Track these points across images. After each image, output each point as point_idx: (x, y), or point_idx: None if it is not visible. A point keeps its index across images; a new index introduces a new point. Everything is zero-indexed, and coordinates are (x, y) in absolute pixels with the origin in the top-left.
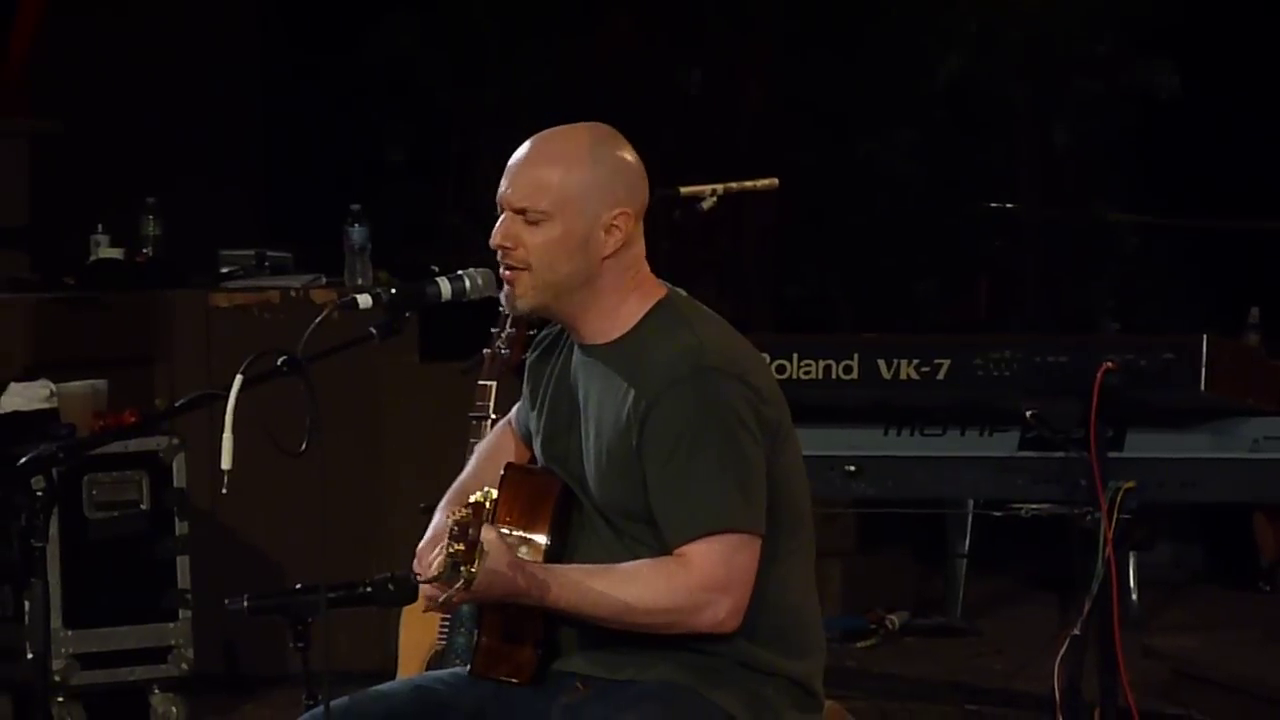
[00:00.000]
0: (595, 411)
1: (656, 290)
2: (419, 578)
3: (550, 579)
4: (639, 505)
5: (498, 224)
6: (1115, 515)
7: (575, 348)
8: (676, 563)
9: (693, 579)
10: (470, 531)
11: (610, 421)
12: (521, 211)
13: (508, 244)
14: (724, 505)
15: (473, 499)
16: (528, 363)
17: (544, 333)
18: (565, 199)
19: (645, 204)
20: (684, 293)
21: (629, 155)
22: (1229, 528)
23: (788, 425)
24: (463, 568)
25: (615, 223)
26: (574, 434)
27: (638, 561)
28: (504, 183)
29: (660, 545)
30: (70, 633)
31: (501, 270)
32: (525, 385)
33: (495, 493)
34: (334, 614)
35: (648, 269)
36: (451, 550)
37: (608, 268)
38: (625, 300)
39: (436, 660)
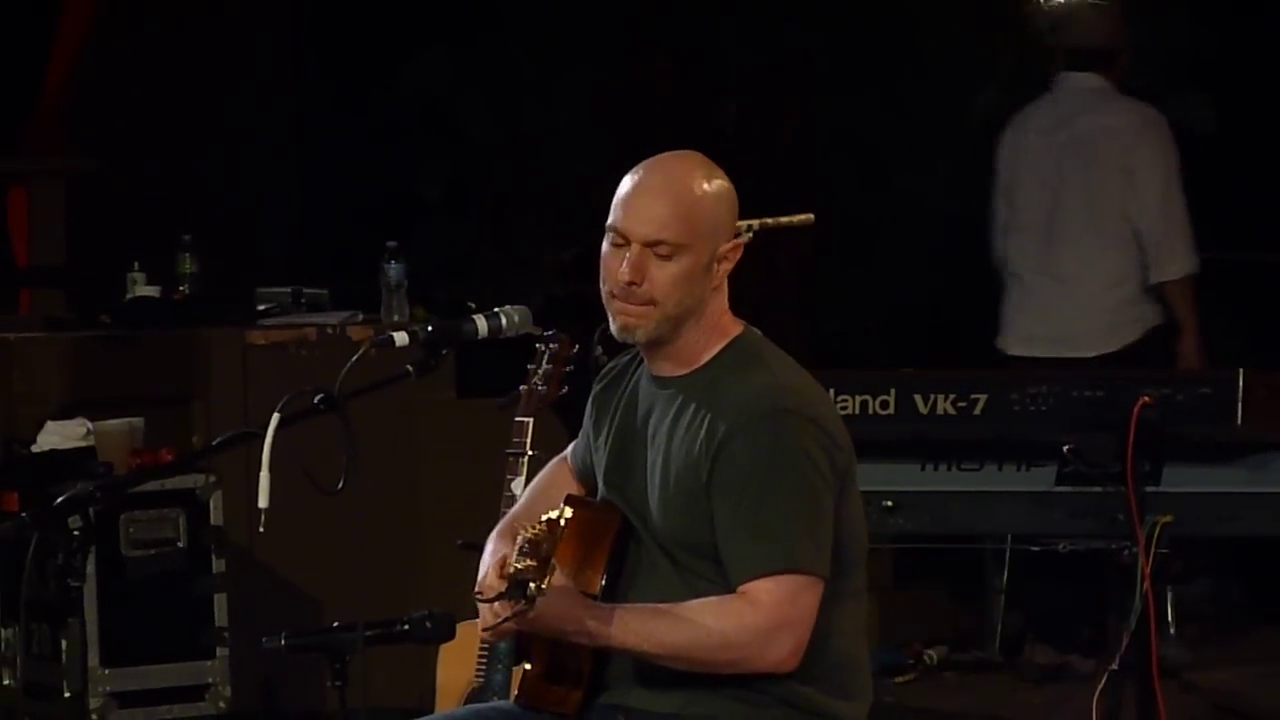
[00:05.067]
0: (664, 442)
1: (734, 325)
2: (480, 597)
3: (613, 616)
4: (702, 538)
5: (626, 259)
6: (1153, 550)
7: (644, 378)
8: (743, 601)
9: (761, 618)
10: (544, 547)
11: (680, 453)
12: (653, 244)
13: (637, 280)
14: (794, 546)
15: (547, 516)
16: (593, 393)
17: (611, 363)
18: (698, 230)
19: None
20: (758, 331)
21: (729, 183)
22: (1267, 561)
23: (854, 471)
24: (531, 585)
25: (728, 255)
26: (638, 464)
27: (702, 600)
28: (625, 216)
29: (719, 581)
30: (108, 671)
31: (617, 302)
32: (589, 416)
33: (570, 511)
34: (371, 651)
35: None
36: (520, 566)
37: (711, 299)
38: (709, 331)
39: (474, 697)
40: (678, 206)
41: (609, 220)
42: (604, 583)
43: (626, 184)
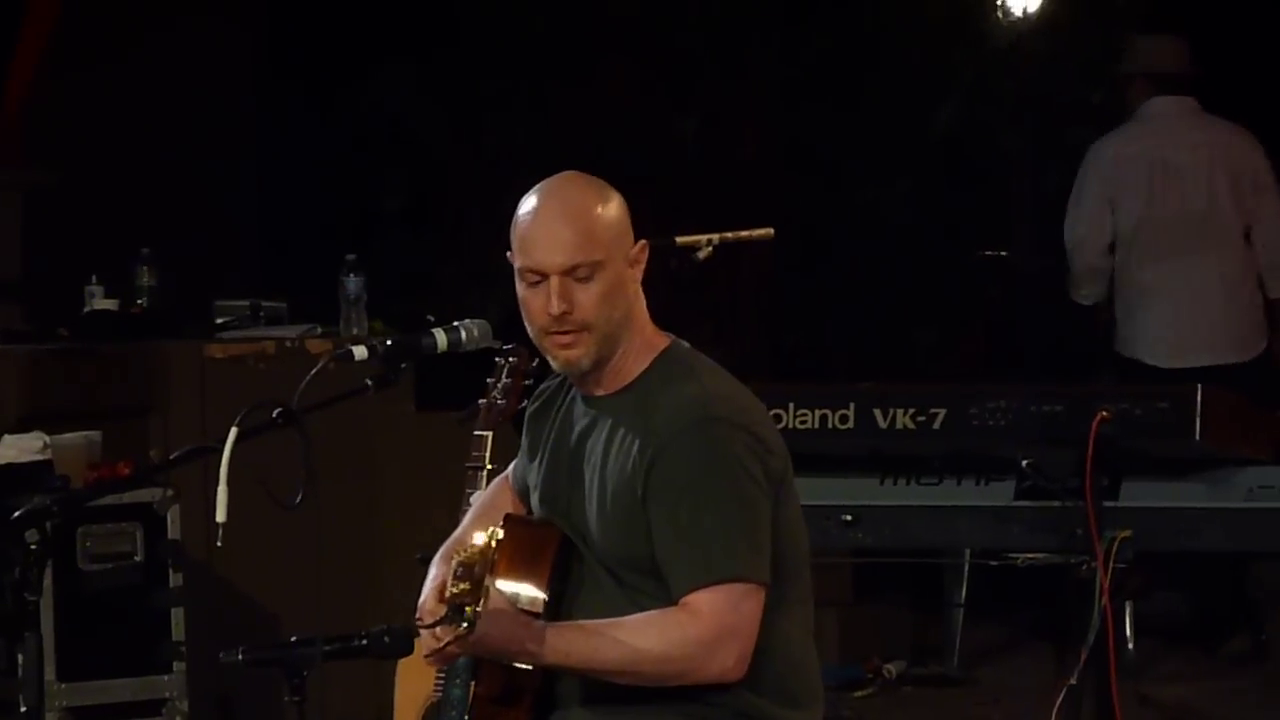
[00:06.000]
0: (599, 460)
1: (660, 339)
2: (420, 624)
3: (555, 635)
4: (641, 554)
5: (549, 293)
6: (1111, 564)
7: (577, 399)
8: (684, 612)
9: (702, 627)
10: (476, 570)
11: (615, 469)
12: (571, 270)
13: (569, 308)
14: (731, 554)
15: (478, 539)
16: (527, 415)
17: (544, 385)
18: (606, 243)
19: None
20: (686, 343)
21: (616, 191)
22: (1225, 576)
23: (790, 477)
24: (467, 609)
25: (638, 256)
26: (576, 485)
27: (644, 614)
28: (534, 252)
29: (662, 596)
30: (64, 685)
31: (552, 337)
32: (524, 438)
33: (501, 533)
34: (329, 666)
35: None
36: (455, 590)
37: (634, 303)
38: (637, 344)
39: (433, 713)
40: (582, 226)
41: (517, 264)
42: (547, 600)
43: (523, 222)
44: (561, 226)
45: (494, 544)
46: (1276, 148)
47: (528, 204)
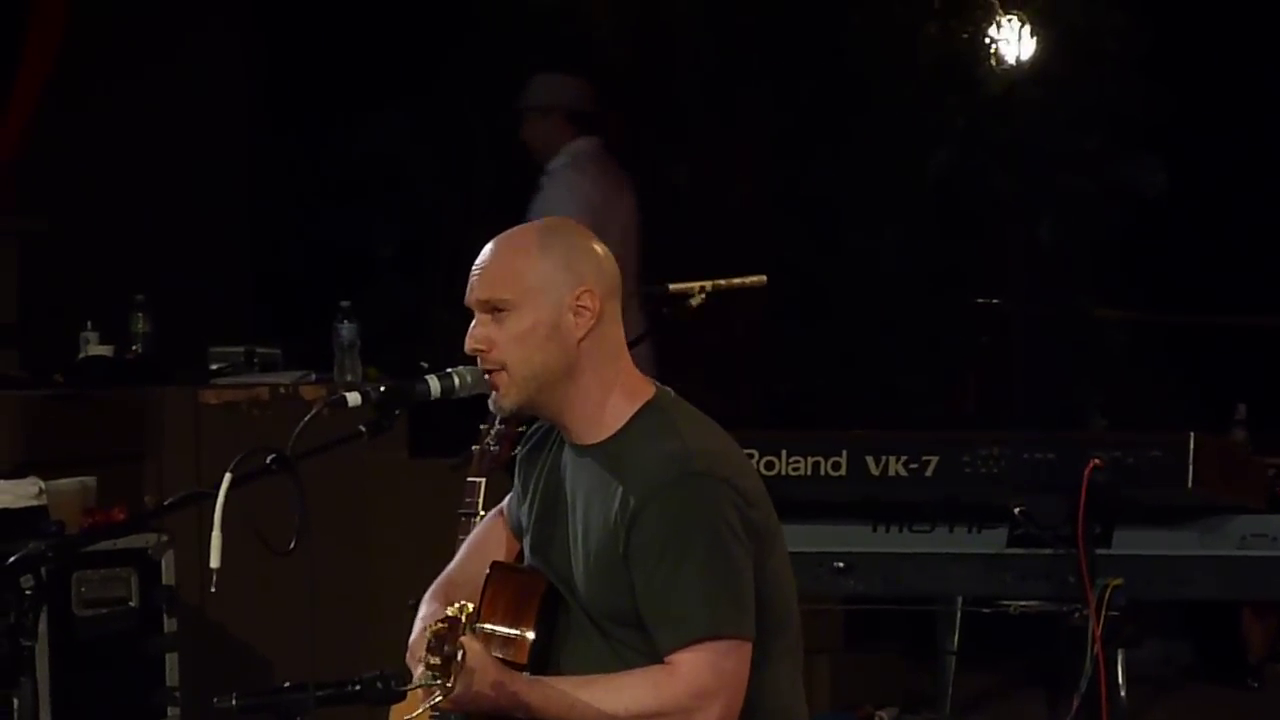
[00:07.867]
0: (583, 513)
1: (644, 390)
2: (404, 685)
3: (535, 691)
4: (626, 608)
5: (470, 329)
6: (1103, 612)
7: (565, 446)
8: (664, 671)
9: (679, 687)
10: (446, 647)
11: (597, 525)
12: (487, 304)
13: (481, 346)
14: (711, 612)
15: (449, 612)
16: (519, 457)
17: (535, 427)
18: (527, 286)
19: (614, 287)
20: (672, 392)
21: (587, 240)
22: (1217, 624)
23: (775, 527)
24: (439, 680)
25: (582, 303)
26: (561, 532)
27: (626, 671)
28: (469, 286)
29: (647, 648)
30: None
31: (485, 375)
32: (516, 479)
33: (470, 606)
34: (322, 712)
35: (632, 365)
36: (429, 663)
37: (585, 353)
38: (610, 396)
39: None
40: (502, 265)
41: None
42: (532, 650)
43: None
44: (485, 265)
45: (464, 619)
46: (1271, 202)
47: None
